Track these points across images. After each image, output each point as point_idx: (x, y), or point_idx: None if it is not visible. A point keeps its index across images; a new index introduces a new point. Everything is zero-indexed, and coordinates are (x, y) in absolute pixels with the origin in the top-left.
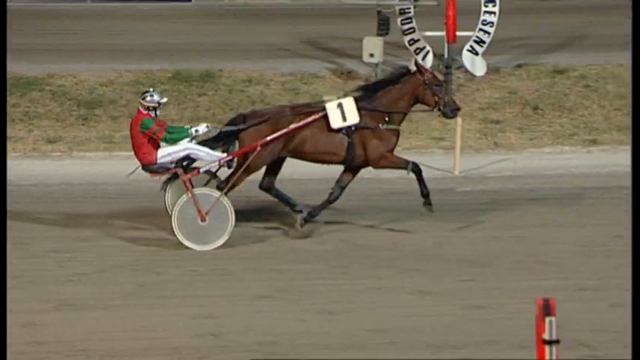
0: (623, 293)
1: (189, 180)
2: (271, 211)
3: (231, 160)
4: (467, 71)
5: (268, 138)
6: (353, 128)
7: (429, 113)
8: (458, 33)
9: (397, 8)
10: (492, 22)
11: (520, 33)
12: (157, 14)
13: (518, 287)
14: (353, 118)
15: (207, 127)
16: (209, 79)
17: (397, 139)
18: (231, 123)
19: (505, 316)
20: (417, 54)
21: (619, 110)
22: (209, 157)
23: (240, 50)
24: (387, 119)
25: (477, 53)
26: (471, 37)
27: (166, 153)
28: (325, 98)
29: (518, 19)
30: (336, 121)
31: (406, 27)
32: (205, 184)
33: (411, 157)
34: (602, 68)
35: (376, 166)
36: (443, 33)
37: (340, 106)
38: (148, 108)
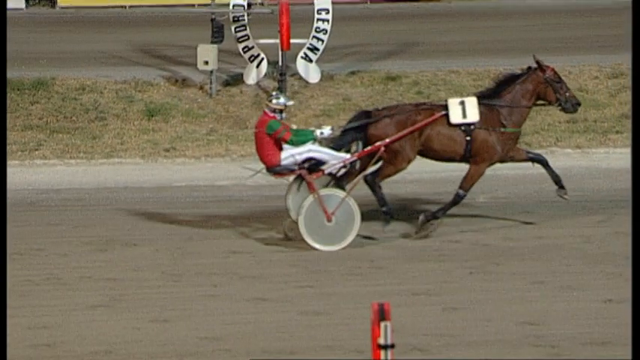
0: (456, 297)
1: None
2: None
3: (356, 161)
4: (301, 78)
5: (394, 137)
6: (472, 127)
7: None
8: (292, 40)
9: (231, 16)
10: (326, 30)
11: (353, 40)
12: None
13: (355, 292)
14: (473, 116)
15: (332, 129)
16: (41, 87)
17: (516, 142)
18: (354, 120)
19: (342, 322)
20: (251, 61)
21: None
22: (332, 159)
23: (73, 58)
24: (505, 121)
25: (310, 60)
26: (304, 44)
27: (289, 155)
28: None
29: (351, 27)
30: (455, 117)
31: (240, 34)
32: (326, 185)
33: (246, 163)
34: (434, 74)
35: (472, 168)
36: (277, 40)
37: (462, 103)
38: (274, 110)
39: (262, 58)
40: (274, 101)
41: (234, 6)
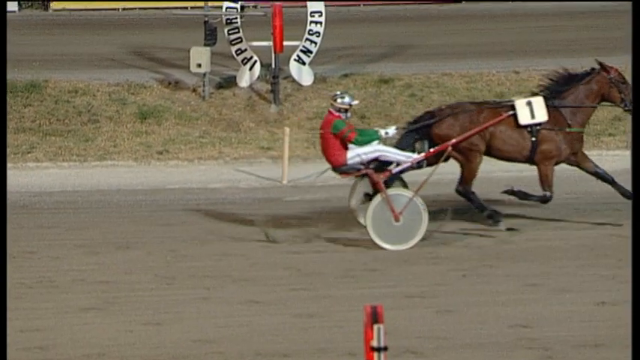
0: (450, 299)
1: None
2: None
3: (423, 161)
4: (294, 81)
5: (461, 136)
6: (538, 127)
7: (257, 123)
8: (285, 43)
9: (224, 18)
10: (319, 32)
11: (346, 43)
12: None
13: (348, 295)
14: (541, 116)
15: (397, 128)
16: (34, 90)
17: (581, 142)
18: (418, 121)
19: (335, 324)
20: (244, 64)
21: None
22: (399, 158)
23: (66, 61)
24: (570, 121)
25: (304, 63)
26: (297, 46)
27: (355, 154)
28: (514, 98)
29: (344, 29)
30: (524, 118)
31: (233, 37)
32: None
33: (239, 166)
34: (427, 77)
35: (541, 169)
36: (270, 43)
37: (530, 104)
38: (339, 110)
39: (255, 61)
40: (339, 100)
41: (227, 8)
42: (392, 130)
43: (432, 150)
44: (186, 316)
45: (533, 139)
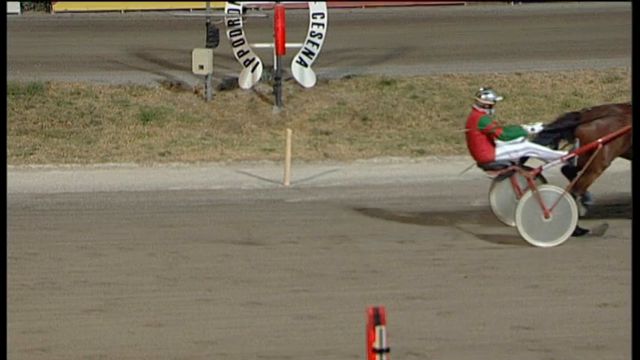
0: (451, 301)
1: (532, 178)
2: None
3: (572, 158)
4: (296, 83)
5: (610, 135)
6: None
7: (259, 125)
8: (287, 45)
9: (226, 20)
10: (321, 34)
11: (348, 44)
12: None
13: (350, 297)
14: None
15: (543, 125)
16: (36, 92)
17: None
18: (562, 120)
19: (337, 326)
20: (247, 66)
21: (446, 120)
22: (549, 156)
23: (68, 62)
24: None
25: (306, 65)
26: (299, 48)
27: (505, 151)
28: None
29: (346, 31)
30: None
31: (235, 39)
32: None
33: (241, 168)
34: (429, 79)
35: None
36: (272, 45)
37: None
38: (483, 106)
39: (257, 63)
40: (483, 97)
41: (229, 10)
42: (538, 127)
43: (581, 147)
44: (188, 318)
45: None
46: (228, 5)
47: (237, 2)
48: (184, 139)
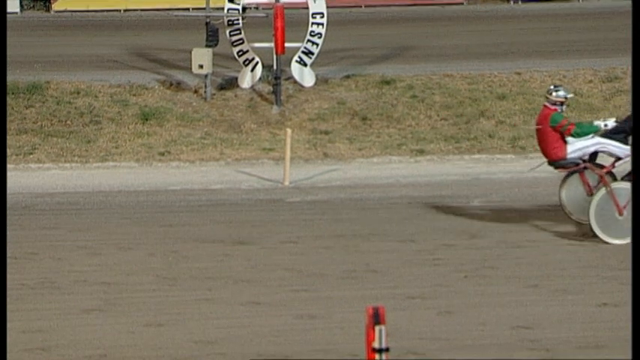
0: (451, 301)
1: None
2: None
3: None
4: (296, 82)
5: None
6: None
7: (259, 124)
8: (286, 44)
9: (226, 19)
10: (320, 34)
11: (348, 44)
12: None
13: (349, 296)
14: None
15: (616, 121)
16: (36, 91)
17: None
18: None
19: (337, 325)
20: (246, 65)
21: (445, 120)
22: (622, 152)
23: (68, 62)
24: None
25: (305, 64)
26: (299, 48)
27: (577, 148)
28: None
29: (346, 31)
30: None
31: (235, 38)
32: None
33: (241, 167)
34: (429, 78)
35: None
36: (271, 44)
37: None
38: (554, 103)
39: (257, 62)
40: (554, 94)
41: (228, 10)
42: (611, 122)
43: None
44: (188, 318)
45: None
46: (227, 5)
47: (237, 1)
48: (184, 139)
